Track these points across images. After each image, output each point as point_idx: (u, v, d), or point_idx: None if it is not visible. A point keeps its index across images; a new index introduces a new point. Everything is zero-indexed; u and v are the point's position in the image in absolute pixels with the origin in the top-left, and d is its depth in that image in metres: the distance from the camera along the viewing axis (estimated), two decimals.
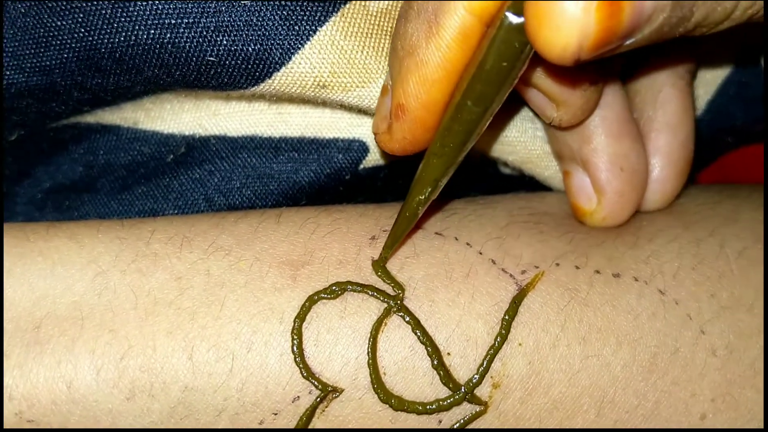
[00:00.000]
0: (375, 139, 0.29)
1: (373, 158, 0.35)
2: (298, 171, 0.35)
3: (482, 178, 0.37)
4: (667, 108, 0.33)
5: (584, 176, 0.32)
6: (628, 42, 0.23)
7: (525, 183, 0.37)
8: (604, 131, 0.31)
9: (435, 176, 0.27)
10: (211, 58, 0.30)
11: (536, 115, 0.32)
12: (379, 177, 0.35)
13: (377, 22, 0.31)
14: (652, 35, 0.23)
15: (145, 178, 0.35)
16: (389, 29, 0.31)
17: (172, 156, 0.34)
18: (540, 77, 0.29)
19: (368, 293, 0.29)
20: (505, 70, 0.24)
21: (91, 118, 0.34)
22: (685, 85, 0.33)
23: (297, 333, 0.28)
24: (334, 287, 0.28)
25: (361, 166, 0.35)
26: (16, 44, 0.30)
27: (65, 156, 0.35)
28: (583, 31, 0.21)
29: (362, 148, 0.35)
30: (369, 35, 0.30)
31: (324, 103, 0.33)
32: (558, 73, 0.28)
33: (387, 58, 0.31)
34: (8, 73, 0.30)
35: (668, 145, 0.33)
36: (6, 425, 0.26)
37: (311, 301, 0.28)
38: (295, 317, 0.28)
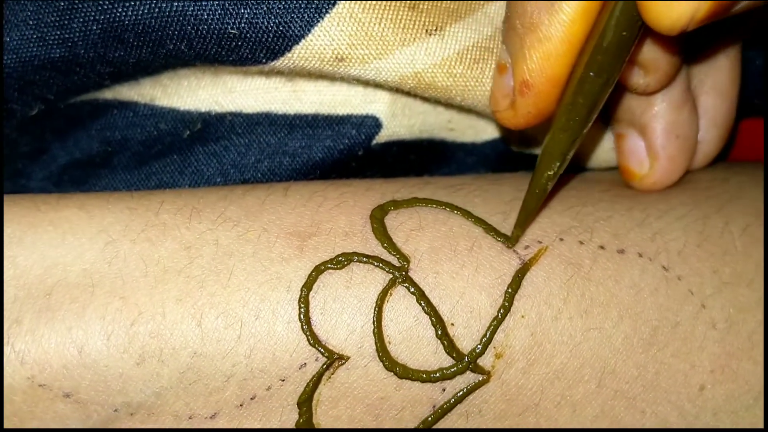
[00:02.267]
0: (495, 116, 0.30)
1: (386, 133, 0.36)
2: (312, 147, 0.35)
3: None
4: (718, 75, 0.34)
5: (639, 140, 0.33)
6: (734, 9, 0.24)
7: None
8: (667, 99, 0.32)
9: (562, 150, 0.28)
10: (233, 31, 0.30)
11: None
12: (391, 152, 0.36)
13: None
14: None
15: (162, 153, 0.35)
16: (407, 1, 0.31)
17: (188, 132, 0.35)
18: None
19: (374, 264, 0.29)
20: (625, 40, 0.26)
21: (109, 94, 0.34)
22: (737, 54, 0.34)
23: (304, 301, 0.28)
24: (340, 258, 0.29)
25: (374, 142, 0.35)
26: (40, 16, 0.31)
27: (82, 132, 0.35)
28: (696, 5, 0.22)
29: (375, 124, 0.35)
30: (387, 7, 0.31)
31: (340, 79, 0.33)
32: (657, 40, 0.30)
33: (406, 30, 0.31)
34: (30, 45, 0.31)
35: (715, 108, 0.34)
36: (18, 389, 0.27)
37: (318, 270, 0.29)
38: (302, 286, 0.28)
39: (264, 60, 0.31)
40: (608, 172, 0.36)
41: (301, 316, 0.28)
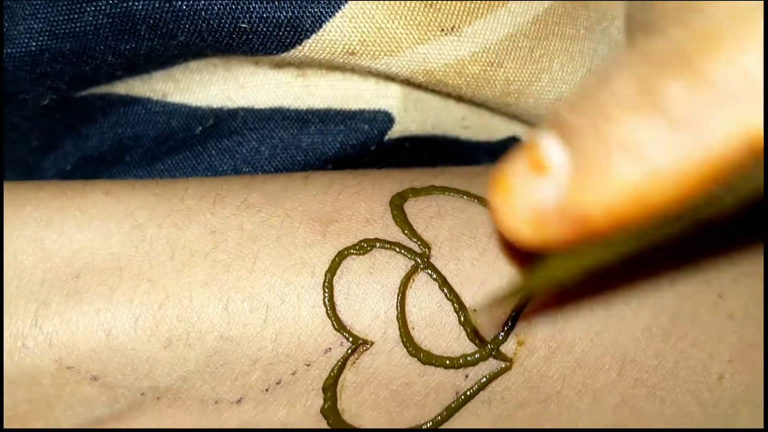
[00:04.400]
0: (493, 213, 0.21)
1: (399, 129, 0.36)
2: (324, 142, 0.35)
3: None
4: None
5: None
6: None
7: None
8: None
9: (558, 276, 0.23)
10: (244, 25, 0.31)
11: None
12: (404, 148, 0.36)
13: None
14: None
15: (174, 150, 0.35)
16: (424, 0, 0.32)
17: (200, 128, 0.35)
18: None
19: (396, 250, 0.29)
20: None
21: (121, 89, 0.34)
22: None
23: (328, 286, 0.28)
24: (363, 243, 0.29)
25: (387, 137, 0.36)
26: (49, 10, 0.31)
27: (93, 128, 0.35)
28: None
29: (387, 119, 0.35)
30: (401, 5, 0.31)
31: (351, 70, 0.34)
32: None
33: (420, 29, 0.31)
34: (41, 38, 0.31)
35: None
36: (46, 371, 0.27)
37: (341, 256, 0.29)
38: (326, 271, 0.29)
39: (275, 51, 0.32)
40: None
41: (326, 301, 0.28)
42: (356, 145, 0.36)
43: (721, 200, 0.18)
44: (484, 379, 0.29)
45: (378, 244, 0.29)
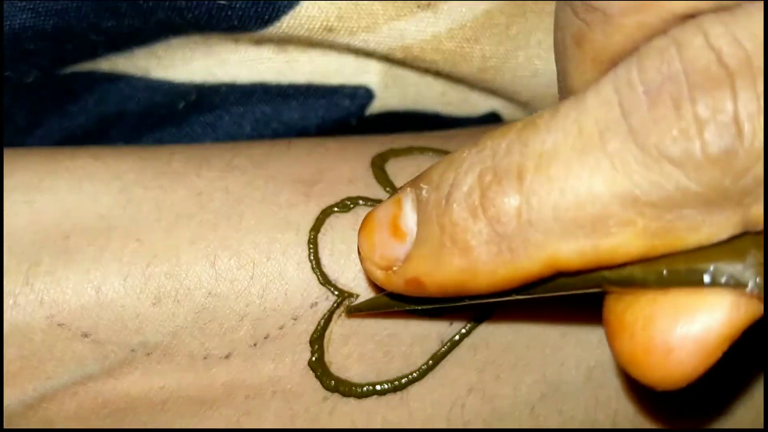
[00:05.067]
0: (359, 245, 0.25)
1: (379, 104, 0.37)
2: (306, 116, 0.36)
3: None
4: None
5: None
6: None
7: None
8: None
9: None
10: (222, 2, 0.32)
11: None
12: (385, 123, 0.37)
13: None
14: None
15: (157, 125, 0.36)
16: None
17: (183, 103, 0.36)
18: None
19: None
20: None
21: (104, 66, 0.35)
22: None
23: (313, 242, 0.29)
24: (346, 201, 0.30)
25: (368, 112, 0.37)
26: None
27: (77, 105, 0.36)
28: None
29: (367, 95, 0.36)
30: None
31: (330, 47, 0.34)
32: None
33: (394, 4, 0.32)
34: (23, 16, 0.32)
35: None
36: (37, 328, 0.27)
37: (325, 213, 0.30)
38: (310, 229, 0.29)
39: (254, 28, 0.33)
40: None
41: (311, 256, 0.29)
42: (337, 120, 0.36)
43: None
44: (469, 325, 0.30)
45: (361, 202, 0.30)
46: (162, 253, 0.28)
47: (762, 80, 0.19)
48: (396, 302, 0.27)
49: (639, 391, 0.31)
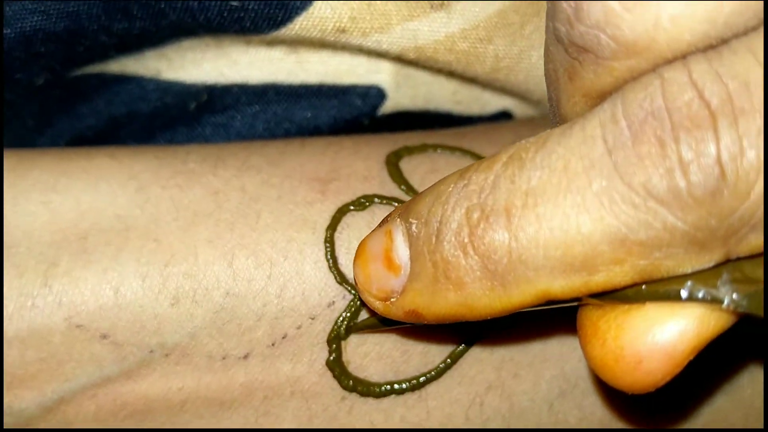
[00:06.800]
0: (356, 275, 0.26)
1: (391, 104, 0.37)
2: (318, 117, 0.36)
3: None
4: None
5: None
6: None
7: None
8: None
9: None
10: (234, 3, 0.32)
11: None
12: (397, 123, 0.37)
13: None
14: None
15: (168, 126, 0.36)
16: None
17: (194, 104, 0.36)
18: None
19: (394, 204, 0.30)
20: None
21: (115, 67, 0.35)
22: None
23: (330, 241, 0.29)
24: (362, 199, 0.30)
25: (380, 112, 0.36)
26: None
27: (88, 106, 0.36)
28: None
29: (380, 95, 0.36)
30: None
31: (342, 48, 0.34)
32: None
33: (407, 4, 0.32)
34: (34, 18, 0.32)
35: None
36: (56, 330, 0.27)
37: (341, 212, 0.30)
38: (327, 227, 0.29)
39: (266, 30, 0.33)
40: None
41: (328, 255, 0.29)
42: (349, 120, 0.36)
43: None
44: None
45: (376, 200, 0.30)
46: (179, 253, 0.28)
47: (744, 120, 0.19)
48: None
49: None
